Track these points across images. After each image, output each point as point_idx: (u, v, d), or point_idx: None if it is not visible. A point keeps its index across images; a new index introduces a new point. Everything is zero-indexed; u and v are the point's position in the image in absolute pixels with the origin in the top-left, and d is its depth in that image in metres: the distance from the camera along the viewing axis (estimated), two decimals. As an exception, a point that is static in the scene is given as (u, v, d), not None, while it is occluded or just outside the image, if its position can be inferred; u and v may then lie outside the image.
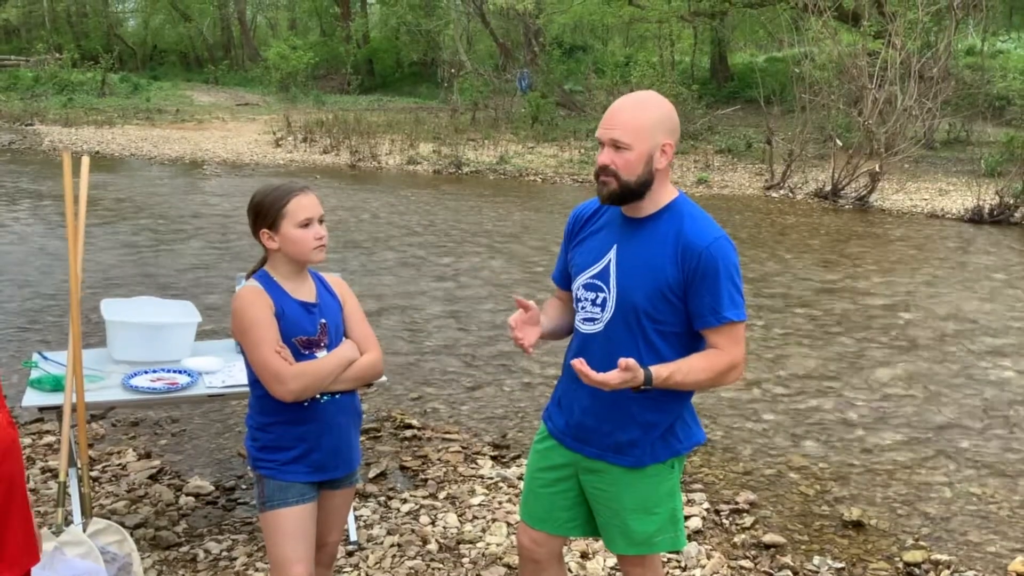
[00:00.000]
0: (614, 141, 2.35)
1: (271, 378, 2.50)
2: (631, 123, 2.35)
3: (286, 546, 2.58)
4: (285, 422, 2.59)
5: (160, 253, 9.37)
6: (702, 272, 2.33)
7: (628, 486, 2.50)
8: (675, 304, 2.38)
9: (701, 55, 31.26)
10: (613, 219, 2.50)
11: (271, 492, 2.60)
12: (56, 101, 26.22)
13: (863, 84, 14.16)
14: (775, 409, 5.50)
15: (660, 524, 2.54)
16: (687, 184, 14.76)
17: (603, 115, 2.43)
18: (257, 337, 2.50)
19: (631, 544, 2.55)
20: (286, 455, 2.59)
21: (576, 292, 2.52)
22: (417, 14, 32.85)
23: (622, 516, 2.52)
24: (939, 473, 4.64)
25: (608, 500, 2.53)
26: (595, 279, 2.46)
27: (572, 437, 2.55)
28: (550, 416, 2.64)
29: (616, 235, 2.46)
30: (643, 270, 2.39)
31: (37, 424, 4.93)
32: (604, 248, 2.47)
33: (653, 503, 2.52)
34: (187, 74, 39.81)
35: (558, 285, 2.69)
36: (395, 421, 5.16)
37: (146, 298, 4.22)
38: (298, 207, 2.53)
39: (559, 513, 2.63)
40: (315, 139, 19.25)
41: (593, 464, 2.53)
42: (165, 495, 4.17)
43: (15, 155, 17.41)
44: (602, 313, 2.43)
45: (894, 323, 7.33)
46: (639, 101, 2.42)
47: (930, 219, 12.39)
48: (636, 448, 2.47)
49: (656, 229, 2.41)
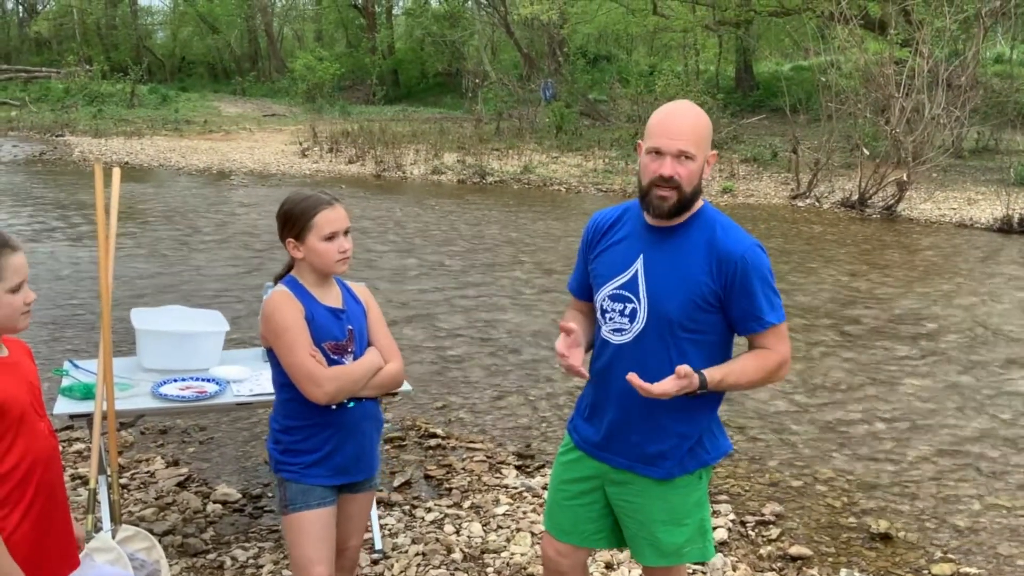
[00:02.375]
0: (682, 151, 2.32)
1: (307, 380, 2.53)
2: (695, 132, 2.34)
3: (308, 548, 2.62)
4: (311, 426, 2.63)
5: (188, 263, 9.46)
6: (740, 281, 2.34)
7: (657, 497, 2.50)
8: (709, 313, 2.38)
9: (726, 64, 31.16)
10: (637, 228, 2.47)
11: (293, 495, 2.64)
12: (86, 112, 26.56)
13: (890, 93, 14.05)
14: (802, 420, 5.47)
15: (689, 535, 2.53)
16: (712, 193, 14.71)
17: (653, 125, 2.38)
18: (291, 340, 2.53)
19: (660, 555, 2.54)
20: (308, 458, 2.63)
21: (601, 303, 2.50)
22: (442, 25, 33.03)
23: (650, 528, 2.51)
24: (968, 485, 4.59)
25: (636, 512, 2.52)
26: (622, 290, 2.44)
27: (600, 448, 2.54)
28: (575, 428, 2.63)
29: (642, 244, 2.44)
30: (675, 280, 2.37)
31: (66, 432, 4.99)
32: (630, 258, 2.45)
33: (682, 514, 2.51)
34: (215, 85, 40.18)
35: (576, 296, 2.67)
36: (420, 430, 5.18)
37: (175, 307, 4.26)
38: (324, 221, 2.57)
39: (585, 525, 2.62)
40: (341, 149, 19.37)
41: (621, 475, 2.52)
42: (193, 502, 4.21)
43: (46, 165, 17.65)
44: (632, 324, 2.42)
45: (922, 333, 7.26)
46: (693, 110, 2.41)
47: (958, 229, 12.27)
48: (666, 460, 2.47)
49: (686, 238, 2.40)
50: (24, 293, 2.20)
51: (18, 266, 2.18)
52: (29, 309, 2.24)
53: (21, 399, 2.19)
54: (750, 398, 5.77)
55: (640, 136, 2.50)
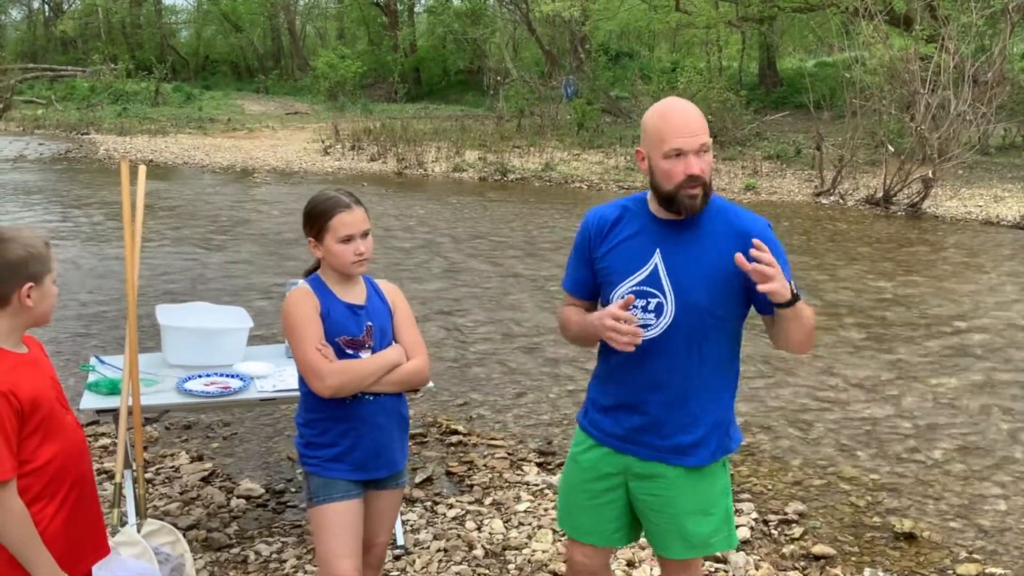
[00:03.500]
0: (704, 146, 2.35)
1: (310, 373, 2.60)
2: (702, 126, 2.37)
3: (332, 541, 2.63)
4: (327, 419, 2.67)
5: (212, 259, 9.54)
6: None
7: (687, 488, 2.50)
8: (734, 295, 2.41)
9: (749, 60, 31.00)
10: (646, 223, 2.47)
11: (316, 488, 2.67)
12: (111, 111, 26.81)
13: (915, 89, 13.91)
14: (825, 418, 5.43)
15: (716, 524, 2.54)
16: (735, 191, 14.63)
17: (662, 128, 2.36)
18: (300, 335, 2.61)
19: (689, 547, 2.54)
20: (328, 452, 2.66)
21: (617, 300, 2.46)
22: (464, 23, 33.02)
23: (679, 520, 2.51)
24: (994, 485, 4.55)
25: (664, 505, 2.52)
26: (643, 285, 2.43)
27: (625, 441, 2.52)
28: (594, 423, 2.60)
29: (656, 239, 2.44)
30: (700, 268, 2.39)
31: (92, 427, 5.04)
32: (646, 253, 2.44)
33: (710, 503, 2.53)
34: (238, 84, 40.41)
35: (574, 295, 2.64)
36: (441, 427, 5.20)
37: (200, 303, 4.30)
38: (340, 224, 2.62)
39: (606, 525, 2.61)
40: (363, 147, 19.43)
41: (648, 468, 2.51)
42: (217, 497, 4.24)
43: (72, 163, 17.84)
44: (659, 318, 2.42)
45: (947, 332, 7.19)
46: (687, 106, 2.42)
47: (985, 226, 12.13)
48: (699, 448, 2.48)
49: (701, 227, 2.43)
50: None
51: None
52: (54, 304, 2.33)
53: (48, 394, 2.23)
54: (773, 396, 5.74)
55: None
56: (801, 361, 6.36)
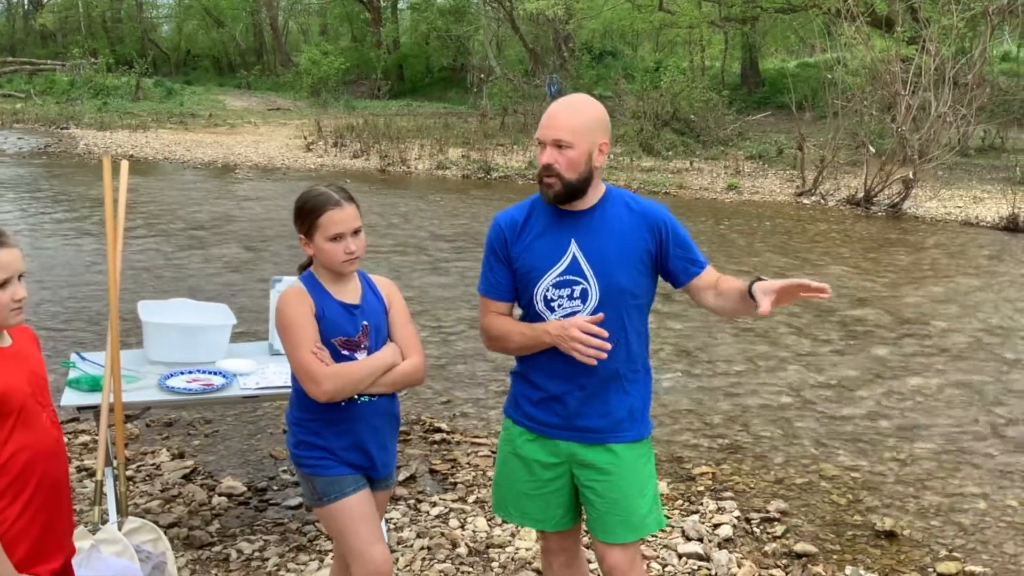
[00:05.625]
0: (556, 141, 2.46)
1: (306, 378, 2.53)
2: (570, 123, 2.47)
3: (362, 531, 2.59)
4: (320, 420, 2.61)
5: (193, 256, 9.48)
6: (672, 235, 2.56)
7: (628, 469, 2.59)
8: (646, 275, 2.57)
9: (732, 60, 31.11)
10: (553, 218, 2.57)
11: (324, 488, 2.60)
12: (91, 105, 26.57)
13: (896, 90, 14.01)
14: (806, 417, 5.46)
15: (650, 504, 2.64)
16: (716, 190, 14.68)
17: (541, 120, 2.52)
18: (295, 337, 2.55)
19: (630, 530, 2.61)
20: (324, 452, 2.61)
21: (544, 294, 2.54)
22: (447, 20, 32.99)
23: (621, 503, 2.59)
24: (973, 484, 4.59)
25: (607, 489, 2.59)
26: (565, 275, 2.53)
27: (565, 429, 2.59)
28: (530, 416, 2.64)
29: (567, 230, 2.54)
30: (615, 252, 2.52)
31: (72, 423, 5.00)
32: (561, 245, 2.54)
33: (643, 481, 2.63)
34: (220, 79, 40.19)
35: (495, 299, 2.66)
36: (424, 424, 5.19)
37: (182, 300, 4.27)
38: (329, 222, 2.55)
39: (555, 511, 2.69)
40: (345, 144, 19.37)
41: (591, 452, 2.58)
42: (198, 495, 4.22)
43: (51, 158, 17.68)
44: (585, 304, 2.52)
45: (927, 332, 7.25)
46: (575, 103, 2.55)
47: (964, 227, 12.24)
48: (636, 422, 2.61)
49: (608, 214, 2.56)
50: (13, 289, 2.17)
51: (5, 262, 2.15)
52: (20, 306, 2.20)
53: (22, 389, 2.17)
54: (755, 395, 5.77)
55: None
56: (783, 360, 6.40)
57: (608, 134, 2.54)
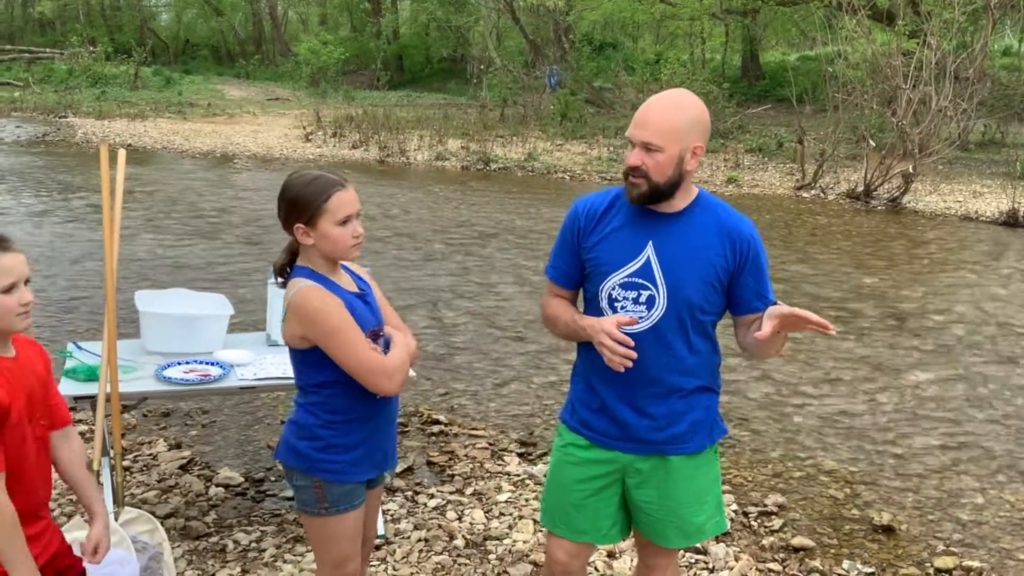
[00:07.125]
0: (646, 144, 2.33)
1: (380, 375, 2.40)
2: (663, 125, 2.32)
3: (347, 546, 2.57)
4: (356, 419, 2.50)
5: (191, 246, 9.45)
6: (752, 260, 2.42)
7: (684, 478, 2.51)
8: (719, 293, 2.44)
9: (732, 53, 31.03)
10: (638, 215, 2.44)
11: (336, 497, 2.50)
12: (89, 94, 26.45)
13: (897, 84, 13.98)
14: (805, 411, 5.46)
15: (710, 511, 2.57)
16: (716, 183, 14.65)
17: (634, 114, 2.39)
18: (348, 338, 2.38)
19: (684, 537, 2.57)
20: (349, 455, 2.50)
21: (609, 292, 2.44)
22: (447, 10, 32.86)
23: (678, 511, 2.53)
24: (971, 478, 4.59)
25: (662, 498, 2.52)
26: (635, 277, 2.41)
27: (621, 439, 2.51)
28: (585, 423, 2.56)
29: (648, 231, 2.42)
30: (691, 263, 2.39)
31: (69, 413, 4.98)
32: (638, 245, 2.41)
33: (704, 491, 2.55)
34: (219, 68, 40.02)
35: (558, 284, 2.58)
36: (422, 416, 5.18)
37: (179, 290, 4.25)
38: (339, 204, 2.40)
39: (603, 522, 2.60)
40: (344, 134, 19.30)
41: (647, 462, 2.51)
42: (195, 486, 4.21)
43: (49, 147, 17.62)
44: (651, 311, 2.40)
45: (926, 326, 7.25)
46: (672, 101, 2.39)
47: (964, 221, 12.23)
48: (695, 435, 2.51)
49: (693, 222, 2.43)
50: (20, 294, 2.16)
51: (9, 267, 2.14)
52: (27, 310, 2.18)
53: (16, 406, 2.16)
54: (753, 388, 5.76)
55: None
56: (781, 354, 6.39)
57: (705, 136, 2.40)
